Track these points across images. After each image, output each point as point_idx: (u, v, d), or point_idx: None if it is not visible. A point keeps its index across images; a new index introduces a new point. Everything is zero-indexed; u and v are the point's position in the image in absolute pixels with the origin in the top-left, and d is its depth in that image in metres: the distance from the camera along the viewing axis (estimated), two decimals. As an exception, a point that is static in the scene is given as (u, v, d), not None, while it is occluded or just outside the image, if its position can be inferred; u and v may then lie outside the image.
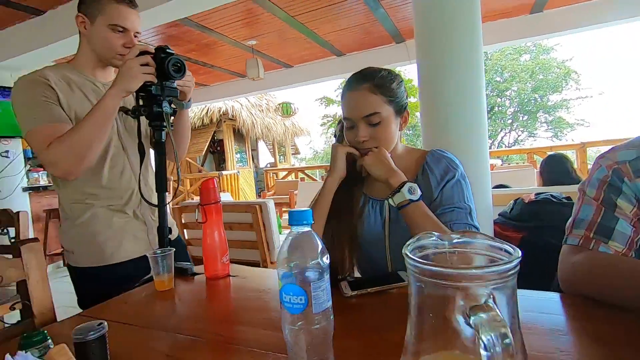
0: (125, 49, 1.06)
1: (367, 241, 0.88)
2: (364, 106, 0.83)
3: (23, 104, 0.97)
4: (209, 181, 0.94)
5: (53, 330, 0.76)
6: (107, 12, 1.03)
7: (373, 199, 0.90)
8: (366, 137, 0.84)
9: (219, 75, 5.45)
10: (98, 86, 1.09)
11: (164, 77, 0.97)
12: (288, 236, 0.42)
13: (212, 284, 0.93)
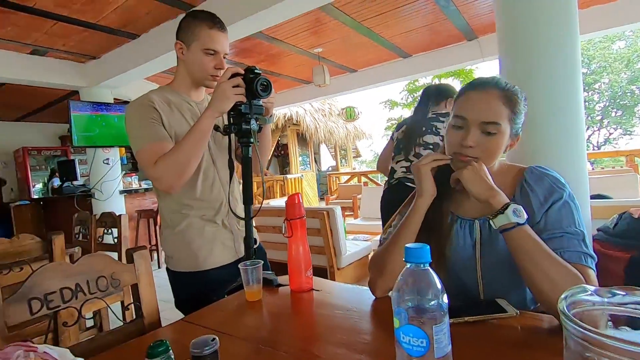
0: (216, 70, 1.14)
1: (456, 264, 0.83)
2: (487, 111, 0.77)
3: (133, 126, 1.09)
4: (294, 196, 0.97)
5: (159, 334, 0.84)
6: (201, 37, 1.12)
7: (462, 218, 0.85)
8: (474, 144, 0.77)
9: (286, 82, 5.65)
10: (192, 105, 1.19)
11: (253, 96, 1.02)
12: (404, 272, 0.41)
13: (296, 297, 0.95)
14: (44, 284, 0.78)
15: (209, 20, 1.13)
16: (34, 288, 0.77)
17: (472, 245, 0.82)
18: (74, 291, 0.83)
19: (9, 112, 6.00)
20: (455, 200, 0.86)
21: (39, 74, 3.74)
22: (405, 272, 0.41)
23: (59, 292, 0.80)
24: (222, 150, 1.20)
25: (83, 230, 2.47)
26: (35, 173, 6.52)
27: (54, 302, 0.79)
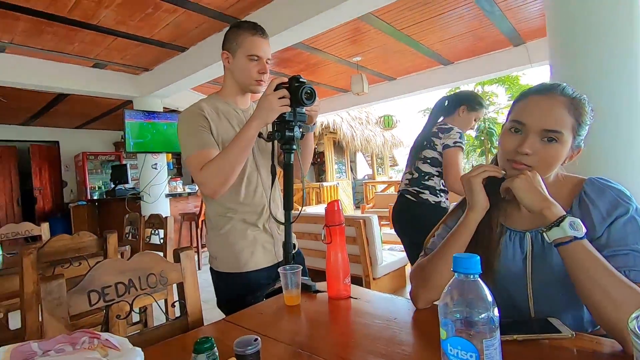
0: (260, 74, 1.20)
1: (504, 277, 0.78)
2: (550, 118, 0.72)
3: (184, 133, 1.16)
4: (334, 203, 0.98)
5: (202, 332, 0.88)
6: (245, 45, 1.17)
7: (511, 230, 0.80)
8: (531, 152, 0.72)
9: (324, 91, 5.72)
10: (238, 112, 1.24)
11: (297, 104, 1.05)
12: (452, 282, 0.40)
13: (334, 304, 0.95)
14: (102, 278, 0.84)
15: (251, 28, 1.19)
16: (93, 281, 0.83)
17: (523, 258, 0.77)
18: (127, 286, 0.89)
19: (72, 120, 6.59)
20: (504, 211, 0.82)
21: (99, 85, 4.08)
22: (453, 282, 0.40)
23: (114, 286, 0.86)
24: (265, 156, 1.24)
25: (133, 230, 2.63)
26: (92, 176, 7.07)
27: (110, 295, 0.85)
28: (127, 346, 0.43)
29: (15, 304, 2.15)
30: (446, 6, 3.14)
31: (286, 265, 0.98)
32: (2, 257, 2.05)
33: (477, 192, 0.77)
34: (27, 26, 2.94)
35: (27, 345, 0.44)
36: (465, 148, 1.87)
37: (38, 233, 2.72)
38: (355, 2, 2.46)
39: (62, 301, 0.75)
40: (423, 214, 1.91)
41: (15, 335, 1.68)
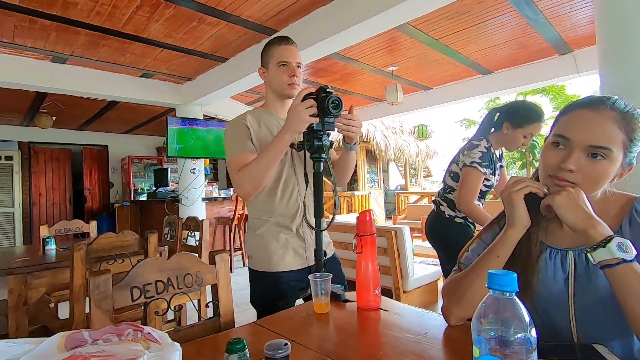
0: (290, 77, 1.26)
1: (544, 298, 0.74)
2: (598, 133, 0.67)
3: (228, 139, 1.25)
4: (366, 213, 0.98)
5: (234, 334, 0.90)
6: (274, 55, 1.27)
7: (552, 248, 0.76)
8: (576, 168, 0.68)
9: (358, 100, 5.73)
10: (279, 121, 1.30)
11: (324, 113, 1.07)
12: (487, 300, 0.39)
13: (363, 314, 0.95)
14: (144, 275, 0.90)
15: (278, 40, 1.29)
16: (136, 278, 0.89)
17: (564, 279, 0.73)
18: (166, 284, 0.93)
19: (120, 126, 7.05)
20: (545, 228, 0.78)
21: (146, 93, 4.36)
22: (487, 299, 0.39)
23: (154, 283, 0.91)
24: (302, 164, 1.28)
25: (171, 231, 2.76)
26: (136, 178, 7.50)
27: (150, 292, 0.90)
28: (167, 340, 0.46)
29: (65, 295, 2.32)
30: (486, 15, 3.07)
31: (316, 272, 0.99)
32: (55, 251, 2.22)
33: (518, 209, 0.73)
34: (85, 40, 3.21)
35: (80, 333, 0.48)
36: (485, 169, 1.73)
37: (87, 230, 2.93)
38: (391, 13, 2.46)
39: (108, 295, 0.81)
40: (441, 226, 1.94)
41: (63, 324, 1.81)
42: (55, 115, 5.57)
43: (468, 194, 1.73)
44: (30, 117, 5.83)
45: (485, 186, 1.81)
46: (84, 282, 1.61)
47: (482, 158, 1.72)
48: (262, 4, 2.72)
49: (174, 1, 2.62)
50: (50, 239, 2.26)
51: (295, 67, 1.27)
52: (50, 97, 4.75)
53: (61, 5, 2.60)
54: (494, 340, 0.36)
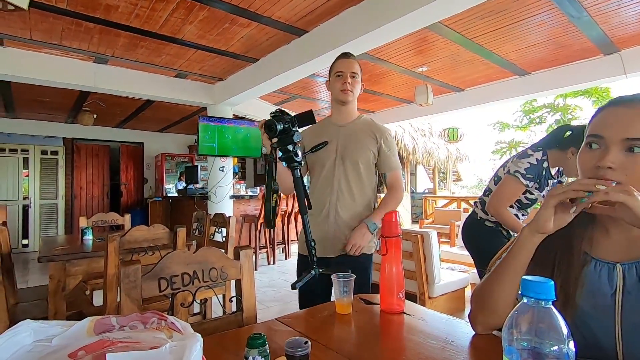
0: (342, 85, 1.50)
1: (586, 313, 0.69)
2: (632, 126, 0.64)
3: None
4: (391, 214, 0.96)
5: (255, 329, 0.91)
6: (334, 68, 1.54)
7: (598, 260, 0.70)
8: (615, 164, 0.64)
9: (386, 102, 5.66)
10: (333, 126, 1.58)
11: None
12: (520, 308, 0.36)
13: (386, 317, 0.93)
14: (171, 267, 0.92)
15: (339, 56, 1.56)
16: (163, 270, 0.91)
17: (611, 294, 0.67)
18: (192, 277, 0.95)
19: (155, 124, 7.35)
20: (589, 238, 0.72)
21: (180, 93, 4.51)
22: (521, 307, 0.37)
23: (181, 276, 0.94)
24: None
25: (199, 226, 2.84)
26: (168, 175, 7.79)
27: (177, 284, 0.93)
28: (189, 331, 0.46)
29: (99, 283, 2.44)
30: (524, 13, 2.93)
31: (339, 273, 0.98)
32: (92, 241, 2.34)
33: (544, 208, 0.67)
34: (125, 41, 3.37)
35: (108, 318, 0.49)
36: (528, 182, 1.65)
37: (121, 223, 3.07)
38: (423, 12, 2.41)
39: (137, 284, 0.84)
40: (472, 228, 1.96)
41: (97, 311, 1.90)
42: (96, 113, 5.89)
43: (500, 199, 1.71)
44: (74, 115, 6.20)
45: (527, 199, 1.75)
46: (116, 271, 1.68)
47: (529, 170, 1.65)
48: (292, 4, 2.74)
49: (208, 3, 2.70)
50: (88, 230, 2.38)
51: (349, 76, 1.49)
52: (92, 96, 5.03)
53: (104, 8, 2.74)
54: (527, 351, 0.34)
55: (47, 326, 0.47)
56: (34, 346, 0.45)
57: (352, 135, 1.54)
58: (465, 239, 2.00)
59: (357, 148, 1.51)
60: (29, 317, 1.63)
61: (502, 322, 0.76)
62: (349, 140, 1.52)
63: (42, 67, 3.62)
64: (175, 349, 0.40)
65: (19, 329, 0.45)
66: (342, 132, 1.54)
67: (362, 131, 1.55)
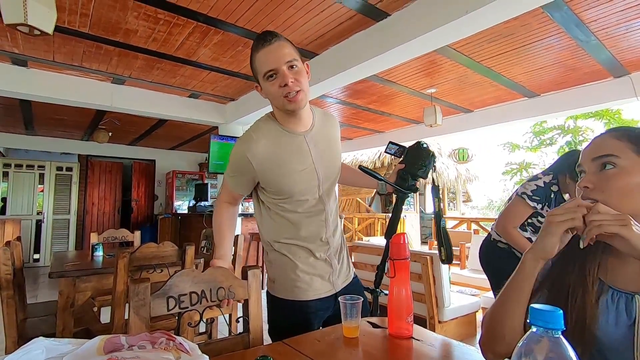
0: (283, 88, 1.00)
1: (604, 344, 0.66)
2: (597, 148, 0.71)
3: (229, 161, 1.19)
4: (400, 236, 0.95)
5: (261, 351, 0.90)
6: (257, 68, 1.03)
7: (615, 290, 0.68)
8: (590, 184, 0.69)
9: (395, 122, 5.70)
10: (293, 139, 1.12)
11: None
12: (529, 337, 0.36)
13: (394, 342, 0.91)
14: (180, 286, 0.92)
15: (255, 45, 1.02)
16: (172, 288, 0.91)
17: (630, 325, 0.64)
18: (199, 296, 0.95)
19: (167, 142, 7.51)
20: (604, 265, 0.70)
21: (192, 112, 4.63)
22: (530, 336, 0.36)
23: (189, 295, 0.93)
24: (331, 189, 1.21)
25: (207, 244, 2.85)
26: (178, 192, 7.88)
27: (185, 303, 0.92)
28: (197, 352, 0.47)
29: (107, 300, 2.45)
30: (532, 37, 2.97)
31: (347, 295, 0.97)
32: (102, 257, 2.37)
33: (550, 234, 0.65)
34: (142, 63, 3.50)
35: (117, 337, 0.50)
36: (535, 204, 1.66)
37: (131, 239, 3.10)
38: (431, 37, 2.46)
39: (146, 302, 0.84)
40: (487, 249, 1.97)
41: (104, 328, 1.90)
42: (111, 131, 6.05)
43: (507, 219, 1.76)
44: (90, 133, 6.38)
45: (540, 222, 1.76)
46: (125, 288, 1.69)
47: (536, 192, 1.68)
48: (303, 29, 2.83)
49: (222, 27, 2.80)
50: (99, 246, 2.41)
51: (287, 70, 0.99)
52: (108, 115, 5.19)
53: (124, 32, 2.86)
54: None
55: (58, 344, 0.48)
56: (45, 364, 0.45)
57: (324, 138, 1.17)
58: (482, 261, 2.01)
59: (333, 154, 1.19)
60: (38, 333, 1.63)
61: (511, 350, 0.74)
62: (323, 147, 1.15)
63: (63, 87, 3.76)
64: (183, 370, 0.40)
65: (31, 346, 0.46)
66: (311, 142, 1.12)
67: (326, 127, 1.20)
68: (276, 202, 1.13)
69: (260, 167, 1.07)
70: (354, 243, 3.55)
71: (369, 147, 7.04)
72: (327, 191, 1.18)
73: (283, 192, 1.10)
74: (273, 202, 1.13)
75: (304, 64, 1.06)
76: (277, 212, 1.14)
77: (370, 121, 5.70)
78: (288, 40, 1.05)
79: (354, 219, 8.04)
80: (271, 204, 1.14)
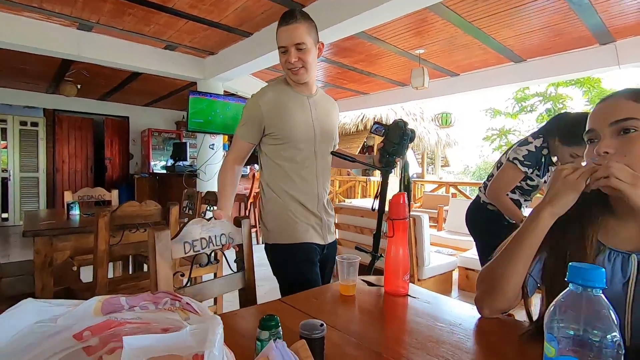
0: (287, 63, 1.23)
1: None
2: (613, 111, 0.68)
3: (243, 114, 1.33)
4: (400, 195, 0.94)
5: (259, 310, 0.89)
6: (277, 40, 1.25)
7: (612, 250, 0.69)
8: (610, 149, 0.66)
9: (381, 84, 5.58)
10: (300, 96, 1.33)
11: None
12: (567, 294, 0.35)
13: (391, 300, 0.92)
14: (192, 232, 1.01)
15: (279, 20, 1.22)
16: (186, 234, 0.99)
17: (624, 283, 0.66)
18: (207, 241, 1.04)
19: (142, 98, 7.10)
20: (604, 226, 0.71)
21: (168, 66, 4.33)
22: (567, 294, 0.35)
23: (200, 240, 1.02)
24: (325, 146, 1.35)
25: (190, 204, 2.79)
26: (155, 151, 7.60)
27: (197, 247, 1.02)
28: (207, 313, 0.44)
29: (86, 259, 2.39)
30: (527, -3, 2.88)
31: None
32: (79, 216, 2.27)
33: (570, 189, 0.66)
34: (112, 7, 3.18)
35: (117, 298, 0.46)
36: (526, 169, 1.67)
37: (108, 198, 2.98)
38: (427, -10, 2.34)
39: (168, 247, 0.93)
40: (476, 211, 1.98)
41: (87, 287, 1.86)
42: (79, 84, 5.63)
43: (499, 185, 1.76)
44: (56, 85, 5.91)
45: (529, 185, 1.77)
46: (107, 248, 1.63)
47: (527, 157, 1.68)
48: (291, -24, 2.62)
49: (201, -30, 2.55)
50: (75, 205, 2.30)
51: (294, 50, 1.20)
52: (75, 66, 4.79)
53: (89, -30, 2.56)
54: (572, 340, 0.32)
55: (49, 305, 0.44)
56: (37, 327, 0.41)
57: (324, 107, 1.36)
58: (469, 223, 2.03)
59: (330, 123, 1.36)
60: (16, 292, 1.57)
61: (509, 306, 0.76)
62: (322, 113, 1.34)
63: (21, 31, 3.39)
64: (196, 332, 0.37)
65: (19, 308, 0.42)
66: (313, 104, 1.32)
67: (329, 103, 1.41)
68: (277, 150, 1.28)
69: (268, 111, 1.24)
70: (336, 205, 3.58)
71: (352, 109, 6.93)
72: (322, 152, 1.33)
73: (284, 135, 1.25)
74: (274, 149, 1.28)
75: (317, 44, 1.27)
76: (276, 162, 1.28)
77: (355, 82, 5.55)
78: (308, 20, 1.23)
79: (335, 182, 8.09)
80: (271, 152, 1.29)
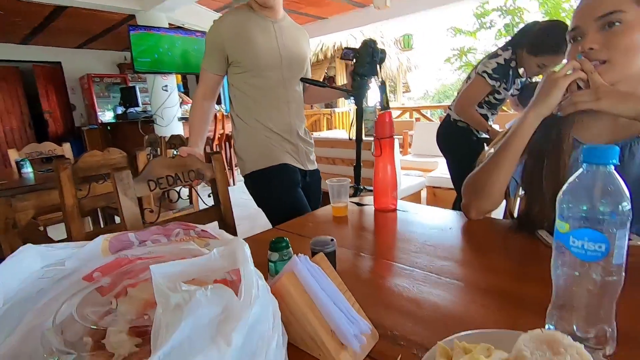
0: None
1: None
2: (599, 5, 0.66)
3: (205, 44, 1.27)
4: (385, 114, 0.93)
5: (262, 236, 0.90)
6: None
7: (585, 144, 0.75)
8: (596, 44, 0.66)
9: (339, 6, 5.23)
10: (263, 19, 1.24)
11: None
12: (580, 175, 0.37)
13: (382, 216, 0.96)
14: (155, 171, 0.99)
15: None
16: (150, 173, 0.97)
17: None
18: (174, 178, 1.02)
19: (73, 38, 6.22)
20: (577, 123, 0.75)
21: (98, -4, 3.75)
22: (580, 174, 0.37)
23: (165, 177, 1.01)
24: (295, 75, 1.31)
25: (153, 151, 2.64)
26: (100, 99, 6.92)
27: (163, 184, 1.00)
28: (226, 236, 0.43)
29: (52, 218, 2.26)
30: None
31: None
32: (33, 174, 2.09)
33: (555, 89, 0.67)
34: None
35: (125, 235, 0.44)
36: (494, 82, 1.68)
37: (61, 153, 2.75)
38: None
39: (131, 185, 0.91)
40: (446, 129, 2.01)
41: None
42: (-9, 25, 4.81)
43: (466, 99, 1.78)
44: (-39, 28, 5.01)
45: (496, 99, 1.80)
46: (75, 201, 1.54)
47: (496, 70, 1.68)
48: None
49: None
50: (25, 162, 2.11)
51: None
52: (-20, 1, 4.03)
53: None
54: (588, 213, 0.35)
55: (52, 249, 0.41)
56: (44, 271, 0.39)
57: (291, 34, 1.28)
58: (440, 141, 2.05)
59: (299, 51, 1.29)
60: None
61: (495, 206, 0.82)
62: (289, 39, 1.26)
63: None
64: (225, 252, 0.36)
65: (20, 255, 0.38)
66: (279, 29, 1.24)
67: (298, 31, 1.33)
68: (243, 79, 1.23)
69: (229, 37, 1.18)
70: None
71: (311, 36, 6.52)
72: (290, 80, 1.29)
73: (248, 62, 1.20)
74: (240, 78, 1.24)
75: None
76: (244, 92, 1.25)
77: (312, 5, 5.16)
78: None
79: (300, 117, 7.92)
80: (238, 82, 1.25)
